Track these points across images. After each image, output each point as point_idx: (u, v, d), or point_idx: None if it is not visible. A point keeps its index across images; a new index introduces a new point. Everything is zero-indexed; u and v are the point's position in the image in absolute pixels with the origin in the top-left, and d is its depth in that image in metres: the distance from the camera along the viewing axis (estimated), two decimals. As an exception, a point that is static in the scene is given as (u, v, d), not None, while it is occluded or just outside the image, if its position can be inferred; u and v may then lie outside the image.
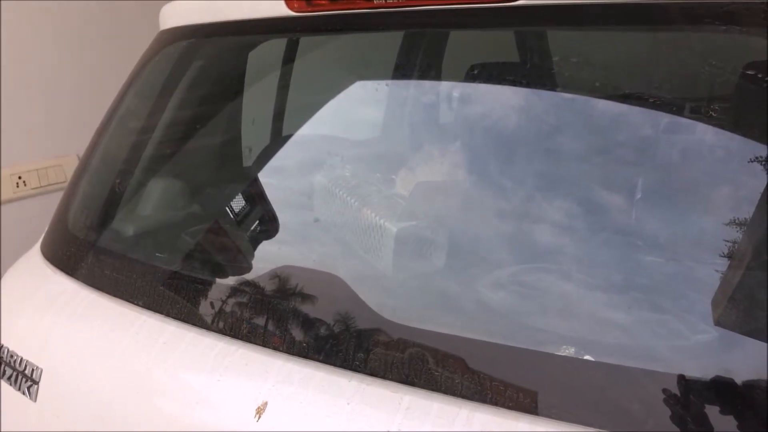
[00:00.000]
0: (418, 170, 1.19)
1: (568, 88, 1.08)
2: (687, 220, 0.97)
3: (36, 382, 1.09)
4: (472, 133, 1.18)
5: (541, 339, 0.86)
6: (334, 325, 0.92)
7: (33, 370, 1.10)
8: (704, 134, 0.96)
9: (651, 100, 0.94)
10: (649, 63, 0.96)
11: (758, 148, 0.91)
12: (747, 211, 0.89)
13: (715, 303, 0.85)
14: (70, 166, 2.48)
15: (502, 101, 1.16)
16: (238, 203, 1.32)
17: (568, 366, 0.79)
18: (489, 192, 1.09)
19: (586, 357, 0.78)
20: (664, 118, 0.99)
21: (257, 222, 1.28)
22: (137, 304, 1.09)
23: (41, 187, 2.45)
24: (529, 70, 1.18)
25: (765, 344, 0.78)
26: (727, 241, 0.89)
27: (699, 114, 0.95)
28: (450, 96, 1.27)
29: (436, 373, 0.82)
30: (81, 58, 2.51)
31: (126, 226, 1.29)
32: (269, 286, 1.02)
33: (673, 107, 0.95)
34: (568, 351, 0.80)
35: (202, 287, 1.07)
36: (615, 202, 1.02)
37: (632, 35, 0.93)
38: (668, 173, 1.02)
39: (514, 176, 1.09)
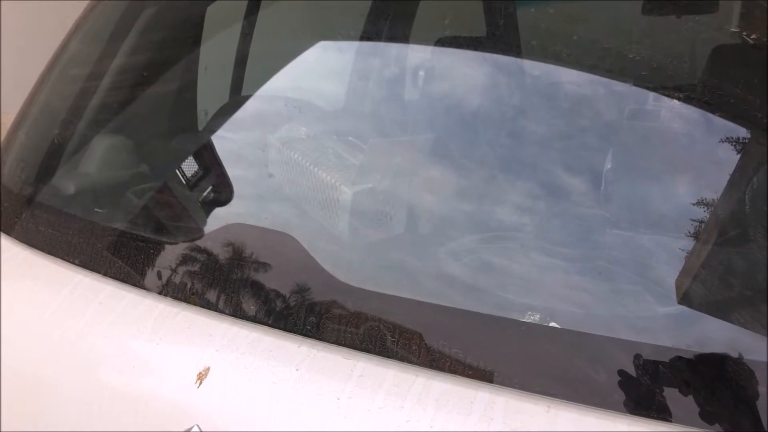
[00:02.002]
0: (378, 133, 1.14)
1: (536, 57, 1.05)
2: (656, 193, 0.96)
3: (-40, 344, 1.01)
4: (433, 94, 1.14)
5: (501, 306, 0.81)
6: (285, 287, 0.86)
7: (-43, 330, 1.02)
8: (676, 109, 0.94)
9: (621, 72, 0.91)
10: (624, 31, 0.93)
11: (730, 127, 0.90)
12: (715, 189, 0.88)
13: (679, 280, 0.84)
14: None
15: (468, 72, 1.12)
16: (189, 162, 1.24)
17: (528, 333, 0.75)
18: (449, 154, 1.04)
19: (551, 324, 0.74)
20: (636, 91, 0.96)
21: (209, 182, 1.20)
22: (73, 263, 1.01)
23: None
24: (498, 39, 1.14)
25: (725, 322, 0.77)
26: (694, 220, 0.88)
27: (669, 89, 0.93)
28: (417, 61, 1.23)
29: (392, 340, 0.77)
30: (26, 7, 2.37)
31: (66, 182, 1.20)
32: (217, 246, 0.95)
33: (646, 78, 0.92)
34: (530, 318, 0.75)
35: (144, 246, 1.00)
36: (583, 173, 0.99)
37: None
38: (639, 148, 1.00)
39: (476, 142, 1.05)
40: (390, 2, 1.28)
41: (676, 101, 0.93)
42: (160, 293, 0.93)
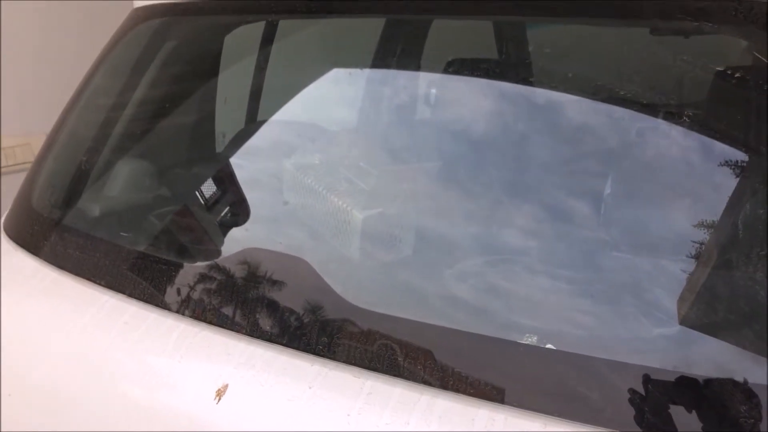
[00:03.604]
0: (388, 159, 1.19)
1: (542, 83, 1.08)
2: (656, 218, 0.98)
3: (-8, 360, 1.06)
4: (443, 122, 1.18)
5: (504, 328, 0.86)
6: (298, 309, 0.91)
7: (-11, 347, 1.08)
8: (676, 135, 0.97)
9: (623, 96, 0.95)
10: (625, 58, 0.97)
11: (728, 150, 0.92)
12: (714, 212, 0.90)
13: (681, 301, 0.86)
14: (38, 145, 2.43)
15: (478, 96, 1.16)
16: (207, 186, 1.30)
17: (529, 354, 0.79)
18: (458, 181, 1.09)
19: (548, 346, 0.79)
20: (635, 115, 0.99)
21: (227, 207, 1.26)
22: (99, 284, 1.07)
23: (8, 166, 2.40)
24: (506, 64, 1.18)
25: (726, 343, 0.79)
26: (695, 242, 0.90)
27: (670, 111, 0.96)
28: (428, 87, 1.27)
29: (399, 359, 0.82)
30: (52, 35, 2.45)
31: (92, 205, 1.27)
32: (234, 268, 1.01)
33: (645, 104, 0.96)
34: (531, 340, 0.80)
35: (166, 268, 1.05)
36: (585, 197, 1.03)
37: (608, 30, 0.94)
38: (639, 171, 1.02)
39: (484, 169, 1.09)
40: (401, 28, 1.33)
41: (683, 126, 0.95)
42: (181, 313, 0.98)
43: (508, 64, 1.17)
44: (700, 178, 0.95)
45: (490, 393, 0.76)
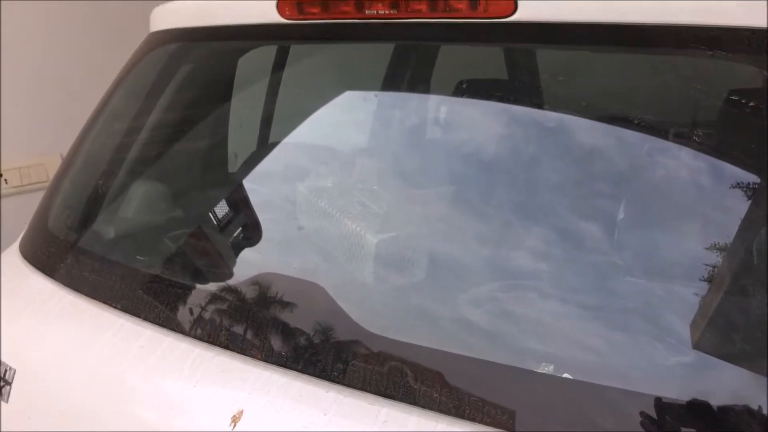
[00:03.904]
0: (399, 181, 1.20)
1: (554, 107, 1.09)
2: (669, 243, 0.98)
3: (8, 383, 1.07)
4: (455, 146, 1.19)
5: (521, 355, 0.86)
6: (313, 335, 0.92)
7: (6, 370, 1.08)
8: (688, 158, 0.97)
9: (636, 122, 0.95)
10: (636, 85, 0.97)
11: (740, 174, 0.92)
12: (727, 235, 0.89)
13: (693, 326, 0.86)
14: (53, 165, 2.45)
15: (489, 117, 1.16)
16: (221, 209, 1.31)
17: (545, 384, 0.79)
18: (471, 205, 1.09)
19: (565, 375, 0.79)
20: (649, 141, 0.99)
21: (240, 229, 1.27)
22: (115, 307, 1.08)
23: (22, 185, 2.42)
24: (517, 88, 1.19)
25: (741, 369, 0.79)
26: (707, 265, 0.90)
27: (683, 138, 0.96)
28: (437, 111, 1.28)
29: (415, 387, 0.82)
30: (70, 57, 2.49)
31: (107, 227, 1.28)
32: (249, 293, 1.01)
33: (658, 130, 0.96)
34: (545, 369, 0.80)
35: (181, 292, 1.06)
36: (598, 221, 1.02)
37: (621, 56, 0.94)
38: (652, 196, 1.02)
39: (497, 191, 1.10)
40: (411, 51, 1.34)
41: (692, 149, 0.95)
42: (196, 337, 0.99)
43: (520, 87, 1.17)
44: (716, 204, 0.95)
45: (507, 422, 0.76)
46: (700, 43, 0.81)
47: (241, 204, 1.28)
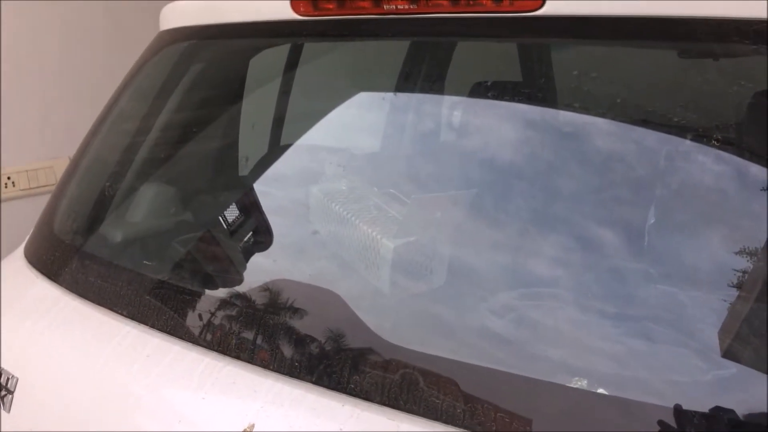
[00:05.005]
0: (416, 185, 1.15)
1: (578, 107, 1.04)
2: (699, 248, 0.94)
3: (11, 392, 1.04)
4: (473, 149, 1.14)
5: (542, 367, 0.81)
6: (328, 345, 0.87)
7: (8, 378, 1.05)
8: (722, 161, 0.92)
9: (673, 121, 0.90)
10: (673, 82, 0.92)
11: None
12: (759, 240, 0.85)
13: (722, 334, 0.82)
14: (61, 168, 2.42)
15: (505, 118, 1.12)
16: (232, 212, 1.27)
17: (567, 396, 0.75)
18: (490, 209, 1.05)
19: (600, 390, 0.74)
20: (682, 142, 0.95)
21: (251, 233, 1.23)
22: (121, 314, 1.04)
23: (30, 188, 2.40)
24: (536, 88, 1.15)
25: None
26: (737, 271, 0.86)
27: (717, 139, 0.91)
28: (453, 109, 1.24)
29: (437, 401, 0.77)
30: (78, 59, 2.47)
31: (114, 231, 1.24)
32: (261, 300, 0.97)
33: (694, 130, 0.91)
34: (577, 384, 0.75)
35: (190, 298, 1.02)
36: (626, 226, 0.98)
37: (656, 52, 0.89)
38: (684, 198, 0.98)
39: (516, 194, 1.05)
40: (425, 52, 1.30)
41: (718, 150, 0.91)
42: (205, 347, 0.94)
43: (535, 84, 1.13)
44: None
45: (536, 440, 0.71)
46: (743, 37, 0.76)
47: (252, 207, 1.24)
